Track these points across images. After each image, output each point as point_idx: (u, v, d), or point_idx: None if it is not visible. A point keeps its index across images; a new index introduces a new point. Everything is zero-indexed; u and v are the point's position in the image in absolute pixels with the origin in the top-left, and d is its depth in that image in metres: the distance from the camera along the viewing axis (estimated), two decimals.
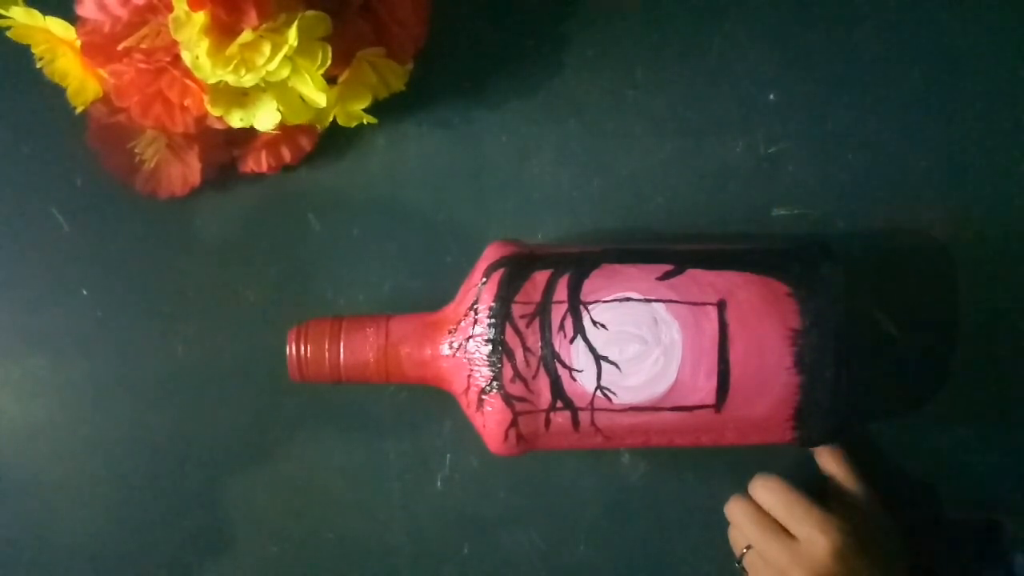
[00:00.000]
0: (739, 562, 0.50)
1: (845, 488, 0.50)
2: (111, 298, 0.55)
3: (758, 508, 0.49)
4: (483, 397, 0.46)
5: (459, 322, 0.47)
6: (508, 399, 0.46)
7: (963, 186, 0.54)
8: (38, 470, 0.55)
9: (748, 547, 0.49)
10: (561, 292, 0.46)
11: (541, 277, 0.46)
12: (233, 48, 0.44)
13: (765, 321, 0.45)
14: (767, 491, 0.49)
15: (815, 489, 0.50)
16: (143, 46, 0.47)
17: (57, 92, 0.49)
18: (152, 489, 0.55)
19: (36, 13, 0.47)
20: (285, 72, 0.45)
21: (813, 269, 0.46)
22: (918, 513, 0.53)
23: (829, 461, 0.51)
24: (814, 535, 0.47)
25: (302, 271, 0.55)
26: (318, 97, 0.47)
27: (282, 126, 0.49)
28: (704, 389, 0.45)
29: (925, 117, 0.54)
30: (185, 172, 0.52)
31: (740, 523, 0.50)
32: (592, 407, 0.46)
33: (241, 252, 0.55)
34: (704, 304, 0.45)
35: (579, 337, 0.45)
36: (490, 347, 0.46)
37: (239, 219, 0.55)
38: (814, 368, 0.45)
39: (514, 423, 0.46)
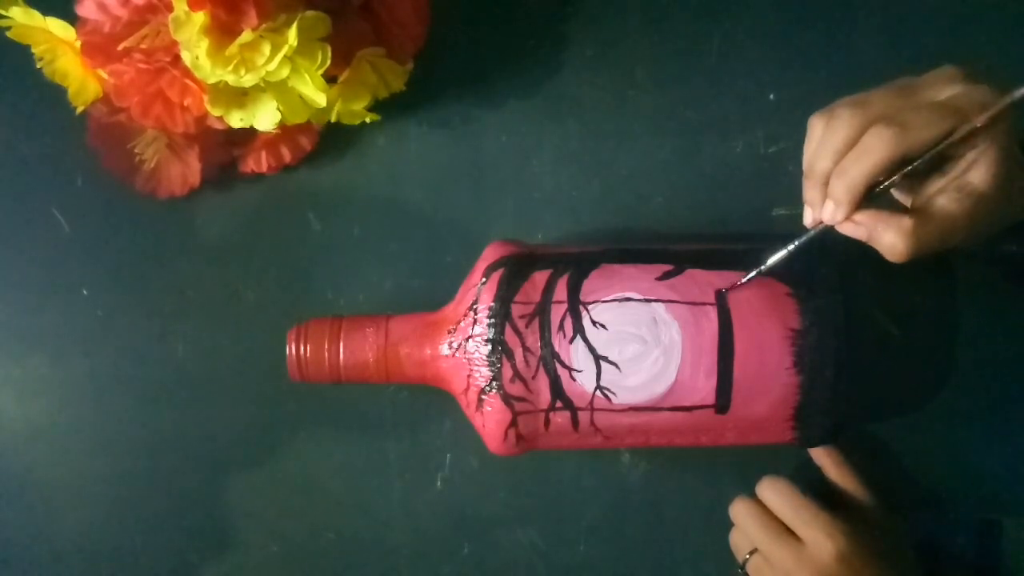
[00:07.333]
0: (742, 567, 0.50)
1: (845, 490, 0.50)
2: (111, 298, 0.55)
3: (764, 510, 0.49)
4: (483, 397, 0.46)
5: (459, 322, 0.47)
6: (507, 399, 0.46)
7: None
8: (38, 470, 0.55)
9: (752, 552, 0.49)
10: (561, 292, 0.46)
11: (541, 277, 0.46)
12: (233, 48, 0.44)
13: (765, 321, 0.45)
14: (774, 493, 0.49)
15: (821, 491, 0.50)
16: (143, 46, 0.47)
17: (57, 92, 0.49)
18: (152, 489, 0.55)
19: (36, 13, 0.47)
20: (285, 72, 0.45)
21: (813, 269, 0.46)
22: (918, 513, 0.53)
23: (827, 463, 0.51)
24: (820, 539, 0.46)
25: (302, 271, 0.55)
26: (318, 97, 0.47)
27: (282, 126, 0.49)
28: (704, 389, 0.45)
29: None
30: (185, 172, 0.52)
31: (745, 524, 0.49)
32: (592, 407, 0.46)
33: (241, 252, 0.55)
34: (704, 304, 0.45)
35: (579, 337, 0.45)
36: (489, 347, 0.46)
37: (239, 219, 0.55)
38: (814, 368, 0.45)
39: (514, 423, 0.46)
